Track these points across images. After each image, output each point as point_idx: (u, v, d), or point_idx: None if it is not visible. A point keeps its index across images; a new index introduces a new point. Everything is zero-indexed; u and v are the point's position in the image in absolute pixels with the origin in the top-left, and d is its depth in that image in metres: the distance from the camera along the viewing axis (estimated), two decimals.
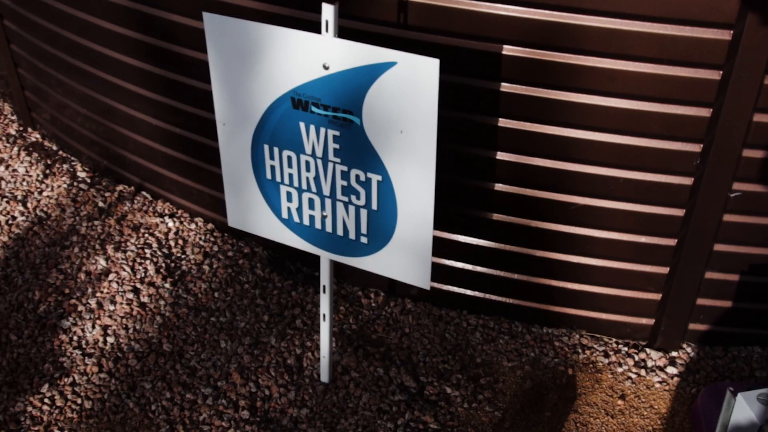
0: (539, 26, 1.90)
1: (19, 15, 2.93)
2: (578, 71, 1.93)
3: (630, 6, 1.81)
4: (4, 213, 2.79)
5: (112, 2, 2.46)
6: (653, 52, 1.86)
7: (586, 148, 2.04)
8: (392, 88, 1.66)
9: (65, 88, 2.93)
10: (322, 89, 1.74)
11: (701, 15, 1.79)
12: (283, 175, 1.92)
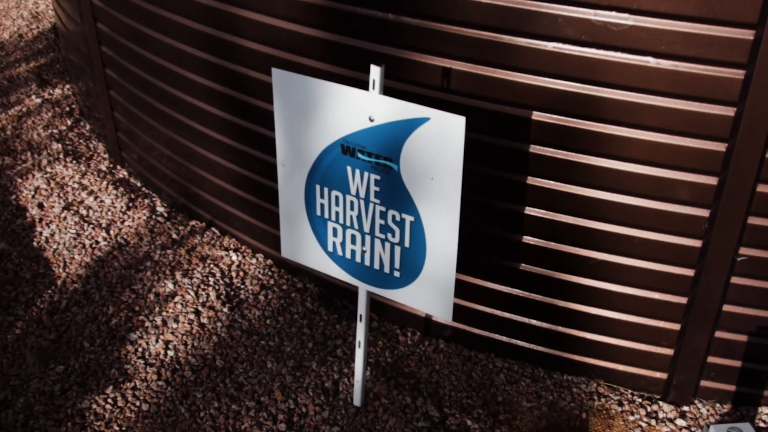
0: (565, 96, 2.14)
1: (119, 64, 3.33)
2: (599, 137, 2.16)
3: (643, 81, 2.04)
4: (89, 237, 3.13)
5: (200, 57, 2.82)
6: (665, 123, 2.08)
7: (605, 208, 2.25)
8: (426, 140, 1.92)
9: (153, 131, 3.30)
10: (367, 138, 2.02)
11: (707, 93, 2.01)
12: (330, 212, 2.19)
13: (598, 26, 2.02)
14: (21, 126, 3.91)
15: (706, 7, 1.91)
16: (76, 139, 3.83)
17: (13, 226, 3.22)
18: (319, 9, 2.38)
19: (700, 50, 1.97)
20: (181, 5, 2.77)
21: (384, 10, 2.26)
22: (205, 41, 2.75)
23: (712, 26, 1.94)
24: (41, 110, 4.06)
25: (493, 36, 2.15)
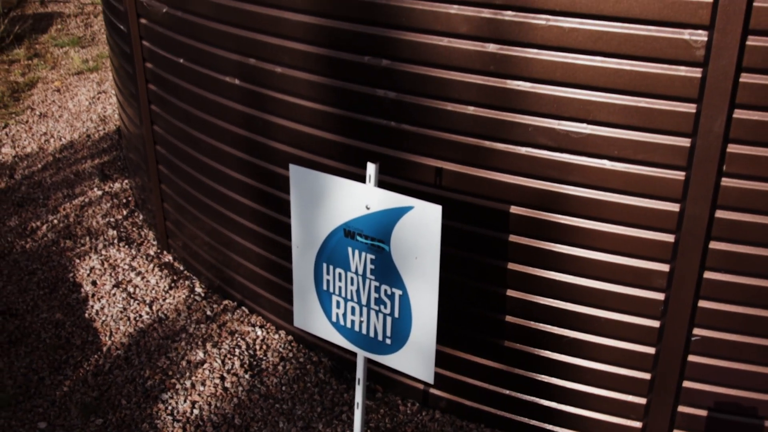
0: (537, 192, 2.51)
1: (170, 162, 3.81)
2: (567, 229, 2.50)
3: (601, 180, 2.40)
4: (133, 312, 3.54)
5: (237, 156, 3.27)
6: (621, 216, 2.42)
7: (574, 291, 2.58)
8: (410, 225, 2.30)
9: (197, 221, 3.74)
10: (364, 223, 2.41)
11: (655, 191, 2.35)
12: (335, 287, 2.56)
13: (561, 134, 2.41)
14: (83, 214, 4.41)
15: (649, 119, 2.29)
16: (130, 227, 4.30)
17: (69, 299, 3.65)
18: (334, 116, 2.82)
19: (647, 155, 2.33)
20: (223, 112, 3.24)
21: (387, 118, 2.68)
22: (243, 142, 3.21)
23: (656, 134, 2.31)
24: (101, 201, 4.56)
25: (476, 141, 2.55)
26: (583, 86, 2.33)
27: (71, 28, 8.23)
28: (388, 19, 2.55)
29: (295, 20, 2.79)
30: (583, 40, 2.29)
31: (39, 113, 5.96)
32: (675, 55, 2.21)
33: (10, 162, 5.13)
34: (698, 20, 2.15)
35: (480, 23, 2.40)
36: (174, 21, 3.35)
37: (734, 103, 2.21)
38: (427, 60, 2.53)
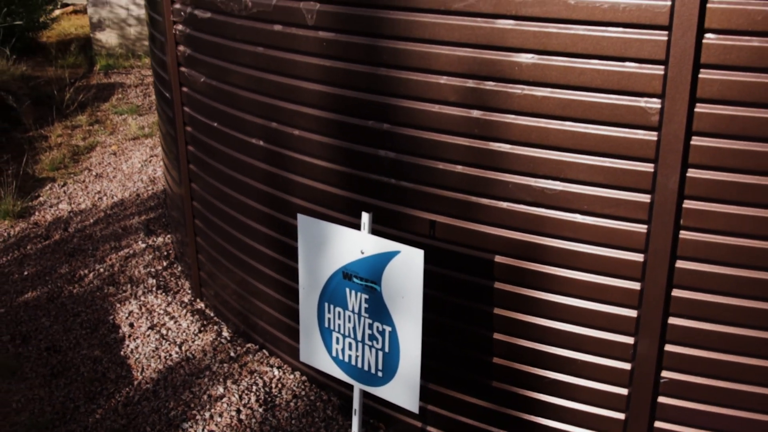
0: (517, 243, 2.78)
1: (205, 216, 4.19)
2: (545, 277, 2.76)
3: (573, 232, 2.67)
4: (164, 351, 3.87)
5: (261, 210, 3.62)
6: (591, 266, 2.67)
7: (551, 335, 2.82)
8: (398, 268, 2.59)
9: (227, 272, 4.08)
10: (360, 266, 2.71)
11: (622, 242, 2.61)
12: (335, 324, 2.85)
13: (537, 190, 2.69)
14: (126, 264, 4.80)
15: (613, 177, 2.56)
16: (168, 277, 4.66)
17: (108, 339, 4.00)
18: (343, 173, 3.15)
19: (612, 209, 2.60)
20: (250, 170, 3.61)
21: (388, 176, 3.00)
22: (265, 197, 3.56)
23: (619, 191, 2.57)
24: (144, 253, 4.95)
25: (464, 197, 2.84)
26: (555, 148, 2.63)
27: (131, 98, 8.83)
28: (389, 88, 2.89)
29: (310, 89, 3.16)
30: (554, 107, 2.59)
31: (95, 174, 6.46)
32: (633, 121, 2.49)
33: (65, 217, 5.58)
34: (652, 90, 2.44)
35: (465, 92, 2.72)
36: (210, 89, 3.76)
37: (686, 162, 2.47)
38: (421, 124, 2.86)
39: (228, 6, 3.44)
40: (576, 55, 2.51)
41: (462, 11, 2.65)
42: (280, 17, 3.18)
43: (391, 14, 2.81)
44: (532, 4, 2.52)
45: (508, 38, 2.59)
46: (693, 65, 2.36)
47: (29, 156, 6.81)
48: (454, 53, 2.70)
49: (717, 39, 2.33)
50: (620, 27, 2.43)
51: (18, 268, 4.83)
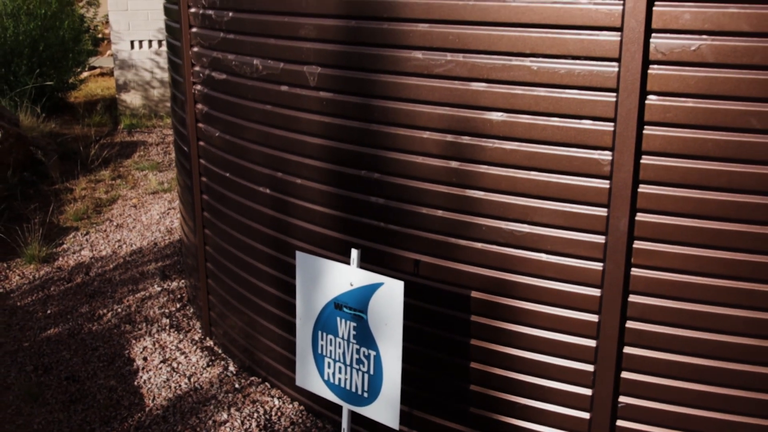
0: (490, 280, 3.12)
1: (216, 260, 4.55)
2: (514, 311, 3.09)
3: (538, 270, 3.00)
4: (175, 382, 4.20)
5: (266, 252, 3.98)
6: (553, 300, 3.00)
7: (521, 363, 3.13)
8: (382, 298, 2.93)
9: (235, 312, 4.42)
10: (349, 297, 3.05)
11: (580, 279, 2.94)
12: (327, 350, 3.18)
13: (507, 232, 3.04)
14: (143, 305, 5.15)
15: (573, 220, 2.91)
16: (181, 317, 5.01)
17: (123, 370, 4.34)
18: (339, 218, 3.52)
19: (572, 249, 2.94)
20: (257, 216, 3.98)
21: (378, 219, 3.37)
22: (271, 241, 3.93)
23: (578, 233, 2.92)
24: (160, 296, 5.31)
25: (444, 238, 3.20)
26: (523, 194, 2.99)
27: (152, 155, 9.31)
28: (379, 142, 3.28)
29: (311, 142, 3.55)
30: (521, 159, 2.96)
31: (116, 224, 6.87)
32: (589, 171, 2.85)
33: (87, 262, 5.97)
34: (604, 144, 2.80)
35: (445, 145, 3.10)
36: (224, 143, 4.17)
37: (635, 207, 2.82)
38: (407, 173, 3.23)
39: (241, 69, 3.86)
40: (539, 114, 2.89)
41: (442, 75, 3.04)
42: (286, 79, 3.59)
43: (381, 77, 3.21)
44: (500, 70, 2.91)
45: (480, 99, 2.98)
46: (637, 123, 2.72)
47: (55, 207, 7.24)
48: (435, 111, 3.09)
49: (657, 100, 2.70)
50: (576, 89, 2.81)
51: (42, 307, 5.20)
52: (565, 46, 2.79)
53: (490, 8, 2.88)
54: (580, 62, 2.78)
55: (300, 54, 3.49)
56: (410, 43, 3.09)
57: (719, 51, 2.61)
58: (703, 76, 2.64)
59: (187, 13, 4.29)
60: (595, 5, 2.71)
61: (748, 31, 2.56)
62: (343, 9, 3.27)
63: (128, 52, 11.18)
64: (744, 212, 2.69)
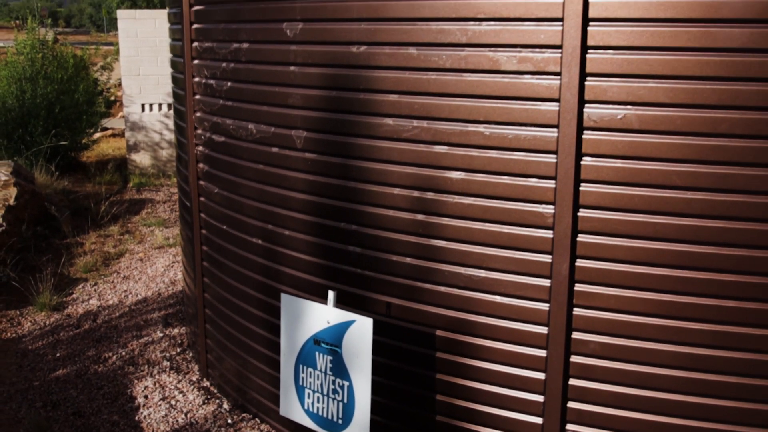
0: (453, 320, 3.51)
1: (214, 306, 4.95)
2: (473, 346, 3.48)
3: (494, 311, 3.40)
4: (172, 417, 4.56)
5: (258, 297, 4.38)
6: (506, 338, 3.39)
7: (480, 394, 3.50)
8: (354, 333, 3.32)
9: (230, 354, 4.80)
10: (326, 334, 3.44)
11: (527, 318, 3.33)
12: (307, 382, 3.55)
13: (466, 277, 3.45)
14: (145, 349, 5.54)
15: (523, 266, 3.31)
16: (181, 360, 5.39)
17: (125, 407, 4.71)
18: (321, 265, 3.93)
19: (522, 292, 3.33)
20: (250, 264, 4.40)
21: (355, 266, 3.78)
22: (262, 287, 4.33)
23: (527, 277, 3.32)
24: (161, 341, 5.70)
25: (413, 283, 3.60)
26: (479, 243, 3.40)
27: (159, 212, 9.77)
28: (356, 197, 3.71)
29: (298, 197, 3.98)
30: (477, 212, 3.38)
31: (123, 276, 7.29)
32: (535, 222, 3.27)
33: (94, 310, 6.37)
34: (547, 199, 3.23)
35: (412, 200, 3.53)
36: (222, 198, 4.61)
37: (575, 254, 3.23)
38: (380, 225, 3.65)
39: (238, 132, 4.32)
40: (492, 173, 3.32)
41: (409, 139, 3.49)
42: (277, 141, 4.05)
43: (358, 140, 3.66)
44: (459, 135, 3.36)
45: (442, 160, 3.42)
46: (574, 180, 3.15)
47: (66, 259, 7.67)
48: (404, 170, 3.53)
49: (591, 161, 3.14)
50: (523, 152, 3.25)
51: (51, 350, 5.59)
52: (512, 114, 3.23)
53: (449, 82, 3.34)
54: (526, 128, 3.22)
55: (289, 120, 3.95)
56: (382, 111, 3.54)
57: (642, 119, 3.05)
58: (629, 140, 3.07)
59: (191, 81, 4.78)
60: (537, 80, 3.16)
61: (666, 102, 3.01)
62: (325, 81, 3.74)
63: (139, 115, 11.76)
64: (668, 258, 3.09)
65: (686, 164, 3.03)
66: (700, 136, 3.00)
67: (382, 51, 3.50)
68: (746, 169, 2.96)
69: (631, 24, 3.00)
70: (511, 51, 3.19)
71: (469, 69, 3.29)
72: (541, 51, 3.14)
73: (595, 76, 3.08)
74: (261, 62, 4.06)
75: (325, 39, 3.69)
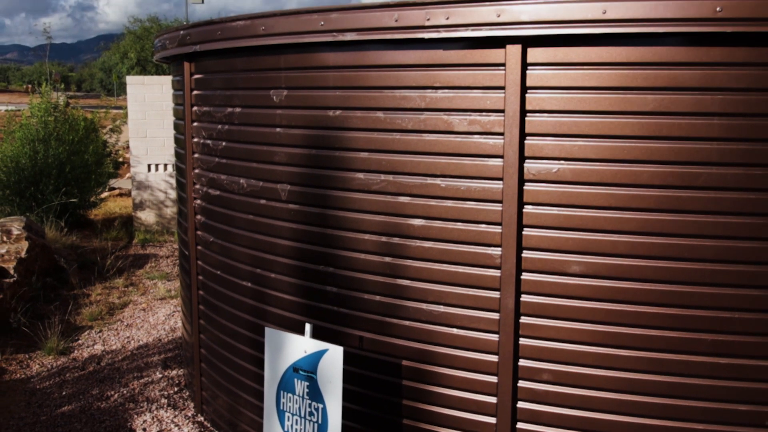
0: (416, 351, 3.96)
1: (211, 348, 5.39)
2: (436, 374, 3.91)
3: (451, 341, 3.85)
4: None
5: (246, 335, 4.83)
6: (461, 364, 3.83)
7: (438, 418, 3.92)
8: (327, 361, 3.77)
9: (223, 390, 5.23)
10: (303, 362, 3.89)
11: (479, 347, 3.78)
12: (287, 406, 3.98)
13: (427, 312, 3.91)
14: (145, 389, 5.96)
15: (475, 301, 3.77)
16: (177, 398, 5.81)
17: None
18: (301, 304, 4.39)
19: (476, 324, 3.79)
20: (238, 304, 4.86)
21: (332, 305, 4.24)
22: (250, 325, 4.79)
23: (480, 311, 3.78)
24: (160, 381, 6.12)
25: (382, 318, 4.06)
26: (438, 282, 3.87)
27: (162, 266, 10.25)
28: (333, 243, 4.19)
29: (282, 244, 4.47)
30: (436, 254, 3.85)
31: (126, 324, 7.74)
32: (485, 263, 3.74)
33: (99, 354, 6.81)
34: (495, 242, 3.70)
35: (380, 245, 4.01)
36: (216, 246, 5.10)
37: (519, 291, 3.69)
38: (353, 267, 4.13)
39: (231, 186, 4.84)
40: (448, 220, 3.81)
41: (377, 191, 3.99)
42: (264, 194, 4.55)
43: (334, 192, 4.16)
44: (419, 187, 3.86)
45: (406, 209, 3.91)
46: (517, 226, 3.63)
47: (73, 308, 8.13)
48: (373, 219, 4.02)
49: (532, 209, 3.62)
50: (474, 201, 3.74)
51: (58, 389, 6.01)
52: (464, 169, 3.74)
53: (411, 141, 3.86)
54: (476, 181, 3.72)
55: (275, 175, 4.46)
56: (354, 167, 4.05)
57: (574, 172, 3.54)
58: (563, 191, 3.57)
59: (191, 141, 5.32)
60: (485, 139, 3.67)
61: (594, 158, 3.51)
62: (306, 141, 4.26)
63: (145, 175, 12.34)
64: (600, 293, 3.56)
65: (612, 211, 3.51)
66: (624, 186, 3.49)
67: (354, 115, 4.02)
68: (663, 215, 3.45)
69: (562, 92, 3.52)
70: (463, 114, 3.71)
71: (428, 130, 3.80)
72: (487, 114, 3.65)
73: (533, 135, 3.59)
74: (251, 124, 4.59)
75: (306, 104, 4.23)
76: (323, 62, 4.12)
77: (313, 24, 4.01)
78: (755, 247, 3.39)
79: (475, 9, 3.53)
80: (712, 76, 3.31)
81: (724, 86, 3.31)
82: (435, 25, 3.62)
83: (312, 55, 4.16)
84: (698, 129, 3.36)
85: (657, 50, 3.35)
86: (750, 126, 3.31)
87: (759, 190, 3.34)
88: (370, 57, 3.94)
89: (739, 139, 3.33)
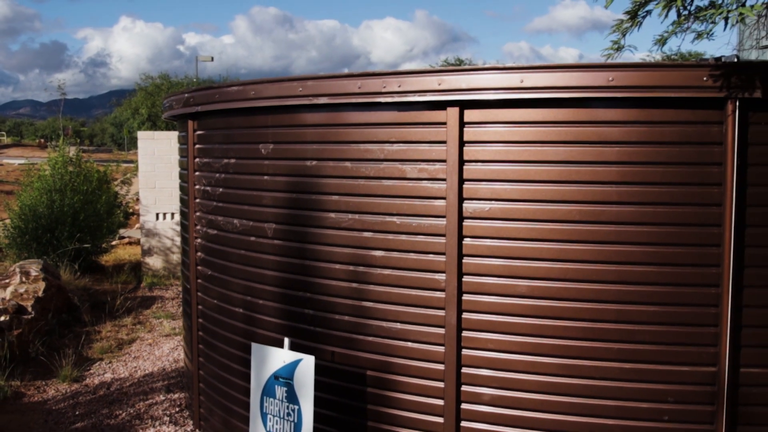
0: (379, 363, 4.70)
1: (207, 368, 6.13)
2: (396, 382, 4.65)
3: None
4: None
5: (239, 355, 5.57)
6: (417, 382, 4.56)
7: (398, 420, 4.64)
8: (302, 368, 4.51)
9: (218, 407, 5.95)
10: (283, 370, 4.63)
11: (429, 357, 4.52)
12: (269, 409, 4.71)
13: (387, 329, 4.66)
14: (150, 408, 6.69)
15: (426, 318, 4.53)
16: (179, 417, 6.53)
17: None
18: (284, 325, 5.15)
19: (426, 339, 4.54)
20: (231, 328, 5.62)
21: (309, 324, 5.00)
22: (242, 346, 5.53)
23: (429, 327, 4.53)
24: (164, 403, 6.85)
25: (349, 335, 4.81)
26: (396, 303, 4.63)
27: (168, 307, 11.01)
28: (310, 272, 4.96)
29: (269, 274, 5.25)
30: (394, 280, 4.62)
31: (133, 356, 8.48)
32: (433, 286, 4.50)
33: (109, 381, 7.55)
34: (440, 269, 4.47)
35: (348, 273, 4.78)
36: (214, 278, 5.88)
37: (461, 309, 4.44)
38: (327, 292, 4.89)
39: (227, 226, 5.64)
40: (403, 251, 4.59)
41: (346, 227, 4.78)
42: (254, 232, 5.35)
43: (310, 229, 4.95)
44: (379, 224, 4.65)
45: (369, 242, 4.70)
46: (458, 255, 4.41)
47: (85, 343, 8.89)
48: (343, 251, 4.80)
49: (470, 241, 4.40)
50: (423, 235, 4.52)
51: (72, 410, 6.74)
52: (415, 208, 4.53)
53: (372, 186, 4.66)
54: (425, 218, 4.51)
55: (262, 215, 5.26)
56: (327, 208, 4.85)
57: (503, 210, 4.33)
58: (494, 226, 4.35)
59: (193, 188, 6.13)
60: (431, 184, 4.47)
61: (518, 199, 4.30)
62: (288, 186, 5.07)
63: (153, 223, 13.17)
64: (527, 310, 4.31)
65: (533, 242, 4.29)
66: (542, 222, 4.27)
67: (327, 164, 4.84)
68: (574, 245, 4.22)
69: (492, 145, 4.33)
70: (414, 164, 4.52)
71: (386, 176, 4.61)
72: (433, 164, 4.46)
73: (470, 180, 4.38)
74: (244, 173, 5.41)
75: (288, 156, 5.05)
76: (302, 121, 4.95)
77: (294, 89, 4.85)
78: (651, 271, 4.15)
79: (421, 78, 4.36)
80: (608, 132, 4.12)
81: (619, 140, 4.11)
82: (390, 91, 4.45)
83: (293, 114, 4.99)
84: (600, 174, 4.15)
85: (564, 111, 4.17)
86: (641, 172, 4.10)
87: (650, 224, 4.11)
88: (340, 117, 4.77)
89: (633, 182, 4.12)
